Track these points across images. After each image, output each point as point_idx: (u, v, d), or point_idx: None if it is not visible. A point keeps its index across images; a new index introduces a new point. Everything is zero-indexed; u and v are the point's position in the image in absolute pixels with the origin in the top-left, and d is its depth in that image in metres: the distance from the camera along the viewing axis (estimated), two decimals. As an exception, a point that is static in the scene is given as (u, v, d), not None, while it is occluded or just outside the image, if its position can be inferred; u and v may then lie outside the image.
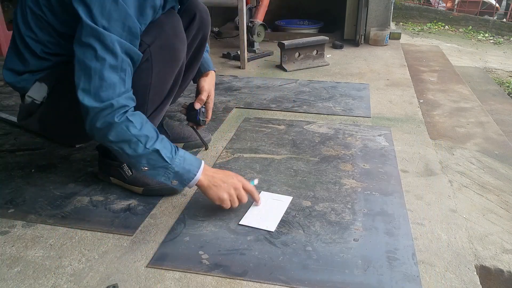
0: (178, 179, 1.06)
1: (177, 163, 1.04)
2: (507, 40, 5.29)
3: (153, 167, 1.03)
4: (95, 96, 0.96)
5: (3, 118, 1.80)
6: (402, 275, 0.94)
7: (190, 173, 1.06)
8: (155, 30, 1.08)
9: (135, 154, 1.00)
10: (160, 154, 1.01)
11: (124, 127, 0.98)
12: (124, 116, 0.99)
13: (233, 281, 0.93)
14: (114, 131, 0.98)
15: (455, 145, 1.69)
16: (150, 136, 1.01)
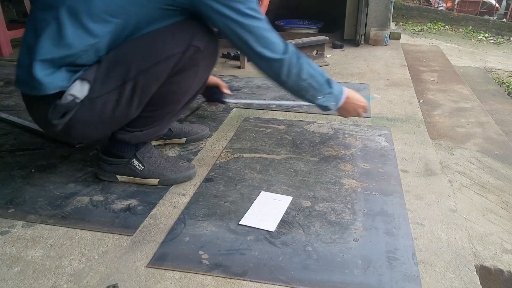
0: (335, 100, 1.36)
1: (335, 87, 1.35)
2: (507, 40, 5.29)
3: (325, 94, 1.32)
4: (274, 48, 1.19)
5: (3, 118, 1.80)
6: (402, 275, 0.94)
7: (342, 94, 1.38)
8: (207, 36, 1.17)
9: (319, 85, 1.29)
10: (330, 82, 1.33)
11: (308, 65, 1.26)
12: (302, 57, 1.25)
13: (233, 281, 0.93)
14: (304, 70, 1.24)
15: (455, 145, 1.69)
16: (321, 71, 1.32)
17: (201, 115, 1.86)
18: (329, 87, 1.32)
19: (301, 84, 1.26)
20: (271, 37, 1.18)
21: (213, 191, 1.28)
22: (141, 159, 1.27)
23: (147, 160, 1.28)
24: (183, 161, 1.35)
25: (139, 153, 1.27)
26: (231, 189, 1.29)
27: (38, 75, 1.02)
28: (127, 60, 1.08)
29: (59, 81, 1.05)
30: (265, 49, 1.17)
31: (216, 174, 1.37)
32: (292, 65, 1.22)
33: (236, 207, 1.19)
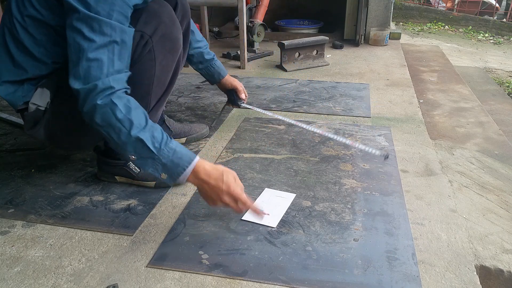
0: (167, 172, 0.98)
1: (165, 154, 0.96)
2: (507, 40, 5.29)
3: (140, 156, 0.97)
4: (83, 78, 0.94)
5: (3, 118, 1.80)
6: (402, 275, 0.94)
7: (179, 167, 0.97)
8: (154, 20, 1.09)
9: (120, 140, 0.95)
10: (144, 143, 0.94)
11: (109, 109, 0.94)
12: (108, 98, 0.94)
13: (233, 281, 0.93)
14: (98, 113, 0.94)
15: (455, 145, 1.69)
16: (136, 123, 0.95)
17: (201, 115, 1.86)
18: (147, 149, 0.95)
19: (103, 133, 0.98)
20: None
21: (213, 191, 1.27)
22: None
23: None
24: None
25: None
26: (231, 189, 1.28)
27: (3, 95, 1.10)
28: None
29: (23, 96, 1.10)
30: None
31: (216, 174, 1.37)
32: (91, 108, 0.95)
33: (236, 207, 1.19)
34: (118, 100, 0.95)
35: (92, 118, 0.95)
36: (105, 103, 0.94)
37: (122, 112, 0.94)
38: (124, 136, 0.95)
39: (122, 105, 0.94)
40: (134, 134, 0.94)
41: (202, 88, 2.23)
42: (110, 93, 0.95)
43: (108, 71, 0.95)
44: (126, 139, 0.95)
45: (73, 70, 0.95)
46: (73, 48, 0.95)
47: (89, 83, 0.93)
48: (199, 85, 2.29)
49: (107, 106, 0.94)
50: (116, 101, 0.94)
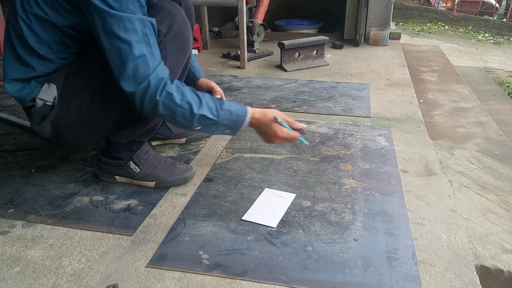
0: (229, 129, 1.11)
1: (224, 117, 1.08)
2: (507, 40, 5.29)
3: (204, 126, 1.09)
4: (133, 79, 1.00)
5: (3, 118, 1.80)
6: (402, 275, 0.94)
7: (238, 123, 1.11)
8: (168, 19, 1.11)
9: (186, 121, 1.06)
10: (206, 117, 1.06)
11: (168, 100, 1.02)
12: (164, 91, 1.02)
13: (233, 281, 0.93)
14: (160, 106, 1.02)
15: (455, 145, 1.69)
16: (193, 103, 1.05)
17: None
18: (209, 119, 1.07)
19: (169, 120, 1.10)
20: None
21: (213, 191, 1.28)
22: (138, 162, 1.27)
23: (143, 163, 1.28)
24: (181, 163, 1.34)
25: (135, 155, 1.27)
26: (231, 189, 1.29)
27: (11, 92, 1.11)
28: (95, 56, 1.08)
29: (30, 93, 1.11)
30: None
31: (216, 174, 1.37)
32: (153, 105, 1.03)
33: (236, 207, 1.19)
34: (171, 88, 1.03)
35: (156, 111, 1.03)
36: (163, 96, 1.02)
37: (178, 98, 1.03)
38: (188, 117, 1.05)
39: (176, 92, 1.03)
40: (196, 112, 1.05)
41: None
42: (163, 85, 1.02)
43: (153, 64, 1.01)
44: (190, 118, 1.06)
45: (121, 74, 1.00)
46: (113, 53, 0.98)
47: (141, 82, 1.00)
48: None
49: (165, 98, 1.02)
50: (171, 91, 1.02)
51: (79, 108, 1.12)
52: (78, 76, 1.10)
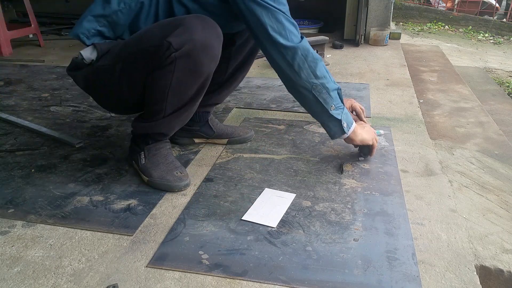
0: (347, 121, 1.28)
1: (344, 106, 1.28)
2: (507, 40, 5.29)
3: (337, 106, 1.25)
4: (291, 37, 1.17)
5: (3, 118, 1.80)
6: (402, 275, 0.94)
7: (351, 117, 1.31)
8: (185, 35, 1.09)
9: (332, 88, 1.23)
10: (339, 92, 1.26)
11: (322, 65, 1.21)
12: (317, 56, 1.20)
13: (233, 281, 0.93)
14: (318, 66, 1.20)
15: (455, 145, 1.69)
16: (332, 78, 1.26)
17: (201, 115, 1.86)
18: (341, 101, 1.26)
19: (313, 82, 1.21)
20: (288, 25, 1.17)
21: (213, 191, 1.28)
22: (147, 154, 1.31)
23: (150, 157, 1.31)
24: (181, 171, 1.31)
25: (147, 147, 1.31)
26: (231, 189, 1.29)
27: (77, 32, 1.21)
28: (128, 42, 1.17)
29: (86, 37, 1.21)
30: (279, 36, 1.16)
31: (216, 174, 1.37)
32: (306, 57, 1.19)
33: (236, 207, 1.19)
34: (317, 56, 1.21)
35: (313, 71, 1.20)
36: (318, 59, 1.20)
37: (324, 66, 1.23)
38: (332, 85, 1.23)
39: (319, 60, 1.22)
40: (337, 84, 1.26)
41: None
42: (313, 52, 1.20)
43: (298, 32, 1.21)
44: (333, 87, 1.23)
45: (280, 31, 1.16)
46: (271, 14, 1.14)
47: (300, 41, 1.19)
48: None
49: (318, 61, 1.20)
50: (317, 58, 1.21)
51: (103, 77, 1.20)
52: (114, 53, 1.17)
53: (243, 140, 1.59)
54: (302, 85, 1.21)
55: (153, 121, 1.25)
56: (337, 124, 1.27)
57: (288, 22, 1.17)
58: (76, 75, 1.26)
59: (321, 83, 1.21)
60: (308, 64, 1.18)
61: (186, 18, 1.11)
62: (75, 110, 1.93)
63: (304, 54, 1.18)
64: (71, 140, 1.59)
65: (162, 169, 1.29)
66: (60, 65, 2.75)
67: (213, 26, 1.14)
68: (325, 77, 1.22)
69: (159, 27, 1.13)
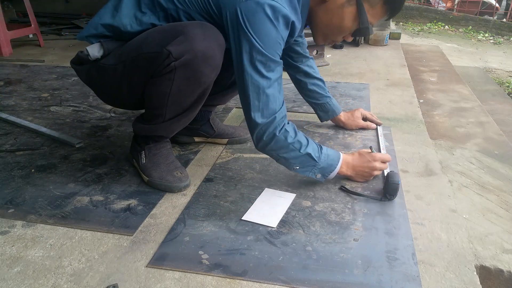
0: (322, 172, 1.23)
1: (323, 160, 1.21)
2: (507, 40, 5.29)
3: (303, 166, 1.20)
4: (262, 112, 1.11)
5: (3, 118, 1.80)
6: (402, 275, 0.94)
7: (332, 167, 1.23)
8: (185, 44, 1.07)
9: (291, 157, 1.17)
10: (311, 156, 1.18)
11: (283, 137, 1.15)
12: (284, 128, 1.15)
13: (233, 281, 0.93)
14: (275, 141, 1.14)
15: (455, 145, 1.69)
16: (303, 143, 1.17)
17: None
18: (312, 159, 1.19)
19: (273, 155, 1.19)
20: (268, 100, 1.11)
21: (213, 191, 1.28)
22: (147, 153, 1.32)
23: (151, 157, 1.31)
24: (181, 171, 1.31)
25: (147, 147, 1.31)
26: (231, 189, 1.29)
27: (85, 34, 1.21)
28: (130, 44, 1.16)
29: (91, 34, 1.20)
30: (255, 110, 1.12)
31: (216, 174, 1.37)
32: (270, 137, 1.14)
33: (236, 207, 1.19)
34: (289, 127, 1.16)
35: (268, 145, 1.15)
36: (282, 133, 1.14)
37: (292, 137, 1.16)
38: (295, 154, 1.17)
39: (292, 131, 1.16)
40: (303, 152, 1.17)
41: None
42: (284, 123, 1.15)
43: (279, 103, 1.13)
44: (296, 155, 1.17)
45: (252, 105, 1.11)
46: (251, 85, 1.09)
47: (269, 116, 1.12)
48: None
49: (282, 134, 1.14)
50: (288, 129, 1.16)
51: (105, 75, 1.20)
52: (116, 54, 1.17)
53: (243, 140, 1.59)
54: (260, 149, 1.19)
55: (153, 124, 1.25)
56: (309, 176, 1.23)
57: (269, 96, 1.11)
58: (79, 69, 1.26)
59: (282, 157, 1.19)
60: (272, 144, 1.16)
61: (187, 25, 1.09)
62: (75, 110, 1.93)
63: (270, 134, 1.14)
64: (71, 140, 1.59)
65: (162, 169, 1.29)
66: (60, 65, 2.75)
67: (215, 34, 1.11)
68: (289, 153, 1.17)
69: (161, 33, 1.11)
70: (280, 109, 1.13)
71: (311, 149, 1.19)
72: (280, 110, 1.13)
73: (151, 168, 1.30)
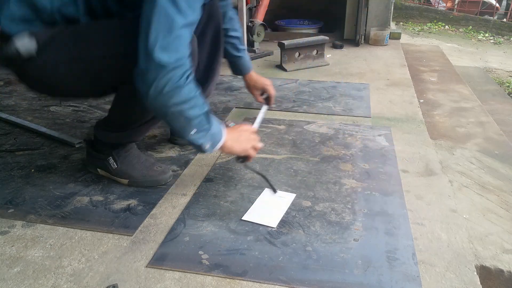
0: (212, 140, 1.08)
1: (213, 124, 1.07)
2: (507, 40, 5.29)
3: (199, 129, 1.04)
4: (170, 52, 0.93)
5: (3, 118, 1.80)
6: (402, 275, 0.94)
7: (220, 134, 1.09)
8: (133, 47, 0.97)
9: (193, 116, 1.01)
10: (207, 116, 1.04)
11: (191, 87, 0.99)
12: (191, 77, 0.99)
13: (233, 281, 0.93)
14: (183, 91, 0.97)
15: (455, 145, 1.69)
16: (202, 98, 1.04)
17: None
18: (207, 121, 1.05)
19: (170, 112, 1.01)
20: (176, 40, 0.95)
21: (213, 191, 1.27)
22: (117, 158, 1.28)
23: (122, 160, 1.28)
24: (159, 165, 1.33)
25: (115, 152, 1.28)
26: (231, 189, 1.28)
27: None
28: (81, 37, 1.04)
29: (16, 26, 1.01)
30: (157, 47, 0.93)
31: (216, 174, 1.37)
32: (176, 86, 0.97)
33: (236, 207, 1.19)
34: (193, 80, 1.01)
35: (172, 96, 0.97)
36: (187, 83, 0.98)
37: (196, 89, 1.01)
38: (198, 111, 1.02)
39: (195, 85, 1.01)
40: (206, 108, 1.03)
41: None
42: (190, 73, 0.99)
43: (187, 49, 0.97)
44: (197, 114, 1.02)
45: (161, 40, 0.92)
46: (163, 17, 0.91)
47: (177, 59, 0.94)
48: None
49: (190, 83, 0.99)
50: (193, 80, 1.01)
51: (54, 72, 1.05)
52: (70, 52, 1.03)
53: None
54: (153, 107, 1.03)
55: (122, 132, 1.22)
56: (198, 147, 1.08)
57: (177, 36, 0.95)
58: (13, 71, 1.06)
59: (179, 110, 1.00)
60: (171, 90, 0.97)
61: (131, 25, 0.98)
62: (75, 110, 1.93)
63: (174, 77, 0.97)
64: (71, 140, 1.59)
65: (140, 168, 1.29)
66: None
67: None
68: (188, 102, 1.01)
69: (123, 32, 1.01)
70: (188, 57, 0.97)
71: (208, 108, 1.04)
72: (188, 57, 0.97)
73: (127, 170, 1.28)
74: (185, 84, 0.97)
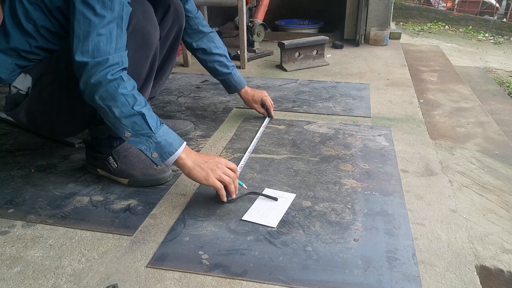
0: (159, 151, 1.04)
1: (161, 133, 1.04)
2: (507, 40, 5.29)
3: (136, 133, 1.02)
4: (91, 52, 0.96)
5: (3, 118, 1.80)
6: (402, 275, 0.94)
7: (172, 147, 1.05)
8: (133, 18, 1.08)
9: (121, 114, 1.00)
10: (145, 119, 1.01)
11: (116, 84, 0.98)
12: (119, 74, 0.99)
13: (233, 281, 0.93)
14: (104, 87, 0.98)
15: (455, 145, 1.69)
16: (139, 100, 1.01)
17: (201, 115, 1.86)
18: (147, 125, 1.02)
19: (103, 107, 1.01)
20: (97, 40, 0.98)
21: (213, 191, 1.27)
22: (116, 157, 1.29)
23: (122, 159, 1.29)
24: None
25: (115, 151, 1.29)
26: (231, 189, 1.28)
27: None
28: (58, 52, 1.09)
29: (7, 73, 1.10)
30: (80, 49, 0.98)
31: (216, 174, 1.37)
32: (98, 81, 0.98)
33: (236, 207, 1.19)
34: (125, 76, 1.00)
35: (96, 92, 0.98)
36: (115, 78, 0.98)
37: (127, 89, 1.00)
38: (126, 110, 1.00)
39: (127, 82, 1.00)
40: (137, 109, 1.00)
41: (202, 88, 2.23)
42: (120, 69, 0.99)
43: (117, 46, 0.99)
44: (128, 113, 1.00)
45: (80, 46, 0.96)
46: (82, 24, 0.96)
47: (99, 56, 0.96)
48: (199, 85, 2.29)
49: (115, 80, 0.98)
50: (124, 78, 1.00)
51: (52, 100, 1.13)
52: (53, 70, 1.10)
53: (184, 133, 1.62)
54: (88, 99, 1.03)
55: None
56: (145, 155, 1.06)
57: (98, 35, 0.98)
58: (18, 113, 1.16)
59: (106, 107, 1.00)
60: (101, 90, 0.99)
61: None
62: (75, 110, 1.93)
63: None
64: (71, 140, 1.59)
65: (141, 166, 1.29)
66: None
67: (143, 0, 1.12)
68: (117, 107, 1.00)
69: None
70: (116, 53, 0.98)
71: (147, 112, 1.01)
72: (116, 53, 0.98)
73: (128, 169, 1.29)
74: (111, 78, 0.97)
